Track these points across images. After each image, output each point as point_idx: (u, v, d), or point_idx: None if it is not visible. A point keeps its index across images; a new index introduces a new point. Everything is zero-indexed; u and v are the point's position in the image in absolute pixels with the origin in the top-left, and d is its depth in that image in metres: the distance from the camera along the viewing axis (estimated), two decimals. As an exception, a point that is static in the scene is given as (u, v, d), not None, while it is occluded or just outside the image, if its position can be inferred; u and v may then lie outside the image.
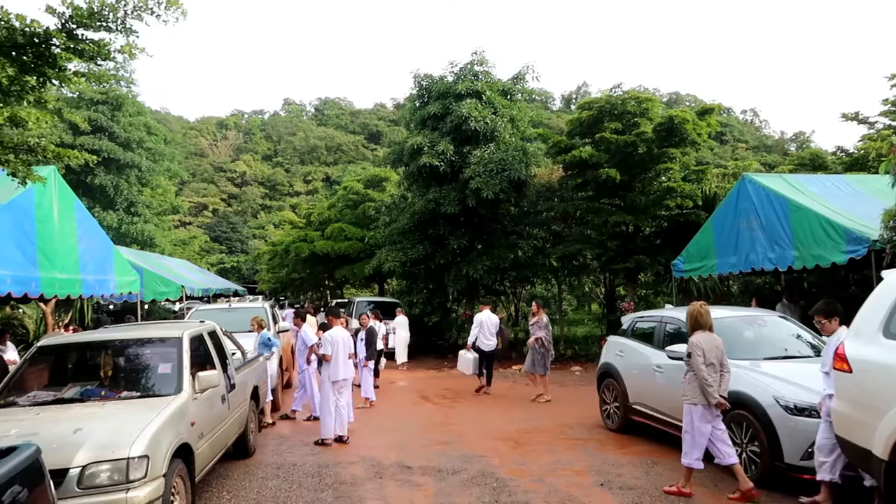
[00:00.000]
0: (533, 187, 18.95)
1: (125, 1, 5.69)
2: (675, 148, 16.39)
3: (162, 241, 35.65)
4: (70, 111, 24.99)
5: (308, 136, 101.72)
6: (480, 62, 19.61)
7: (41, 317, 14.29)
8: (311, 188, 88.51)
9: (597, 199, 17.61)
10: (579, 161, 16.59)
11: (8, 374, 8.47)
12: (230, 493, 6.72)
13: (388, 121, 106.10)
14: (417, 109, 19.98)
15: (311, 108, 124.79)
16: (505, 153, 17.58)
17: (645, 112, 16.97)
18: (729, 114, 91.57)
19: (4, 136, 6.70)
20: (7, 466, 2.57)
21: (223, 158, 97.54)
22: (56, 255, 9.22)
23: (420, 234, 19.31)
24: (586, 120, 17.38)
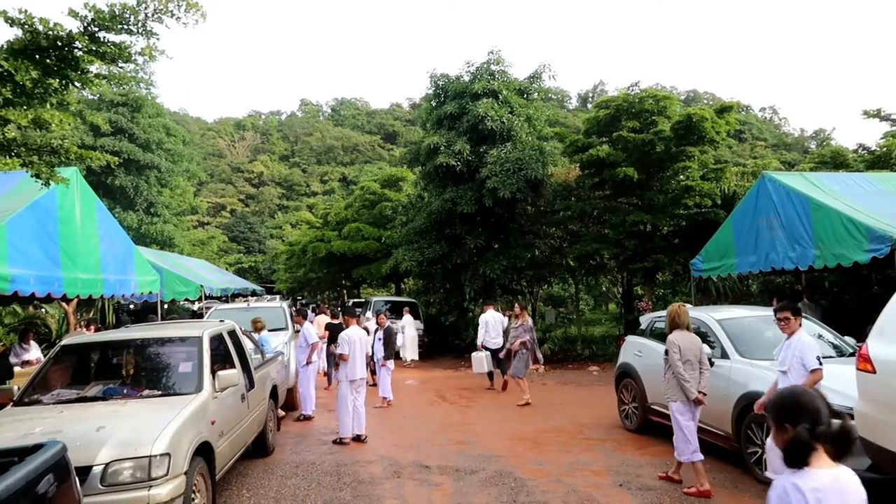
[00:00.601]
0: (550, 186, 18.91)
1: (146, 4, 5.75)
2: (693, 146, 16.26)
3: (181, 241, 36.02)
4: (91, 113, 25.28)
5: (325, 137, 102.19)
6: (497, 61, 19.59)
7: (63, 316, 14.50)
8: (327, 188, 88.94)
9: (614, 198, 17.52)
10: (596, 160, 16.52)
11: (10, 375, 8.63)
12: (250, 491, 6.78)
13: (404, 121, 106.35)
14: (434, 109, 20.01)
15: (328, 109, 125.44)
16: (522, 152, 17.56)
17: (663, 110, 16.86)
18: (747, 111, 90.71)
19: (28, 138, 6.80)
20: (36, 462, 2.62)
21: (241, 159, 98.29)
22: (78, 256, 9.34)
23: (437, 233, 19.33)
24: (603, 119, 17.31)
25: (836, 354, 7.29)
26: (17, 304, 13.22)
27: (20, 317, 14.81)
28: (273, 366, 9.16)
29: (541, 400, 11.94)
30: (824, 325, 8.06)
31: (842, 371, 6.47)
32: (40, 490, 2.58)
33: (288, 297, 38.39)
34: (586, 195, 18.48)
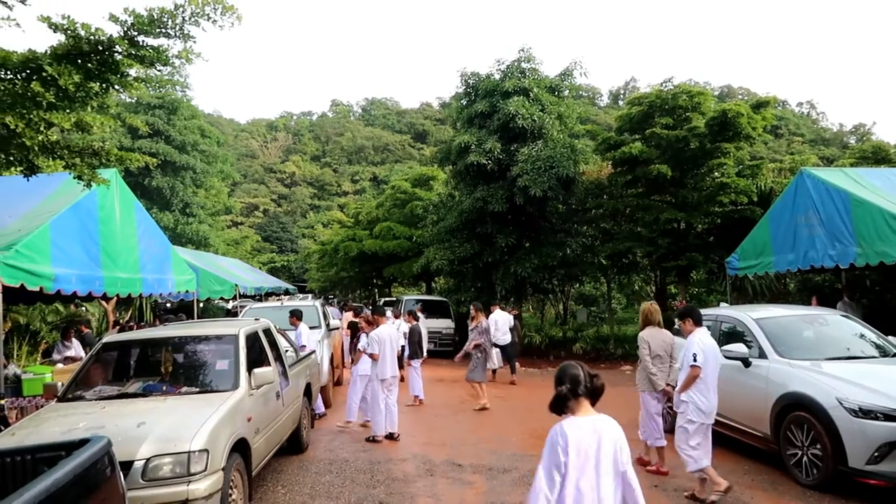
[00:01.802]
0: (581, 184, 18.78)
1: (183, 8, 5.83)
2: (728, 143, 16.00)
3: (216, 240, 36.61)
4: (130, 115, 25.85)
5: (355, 137, 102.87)
6: (527, 59, 19.51)
7: (103, 314, 14.84)
8: (358, 188, 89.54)
9: (647, 195, 17.33)
10: (629, 157, 16.37)
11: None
12: (285, 487, 6.86)
13: (434, 120, 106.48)
14: (464, 108, 20.01)
15: (358, 109, 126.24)
16: (553, 150, 17.46)
17: (697, 106, 16.62)
18: (784, 106, 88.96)
19: (70, 141, 6.97)
20: (83, 457, 2.69)
21: (273, 159, 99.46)
22: (118, 255, 9.55)
23: (468, 232, 19.34)
24: (636, 115, 17.13)
25: (878, 354, 7.12)
26: (60, 302, 13.57)
27: (62, 315, 15.19)
28: (307, 364, 9.25)
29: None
30: (867, 325, 7.87)
31: (885, 371, 6.33)
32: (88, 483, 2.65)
33: (320, 296, 38.74)
34: (619, 193, 18.31)
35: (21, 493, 2.19)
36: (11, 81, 5.79)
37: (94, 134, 7.49)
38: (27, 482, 2.63)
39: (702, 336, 6.17)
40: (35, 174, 6.85)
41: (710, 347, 6.11)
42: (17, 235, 7.47)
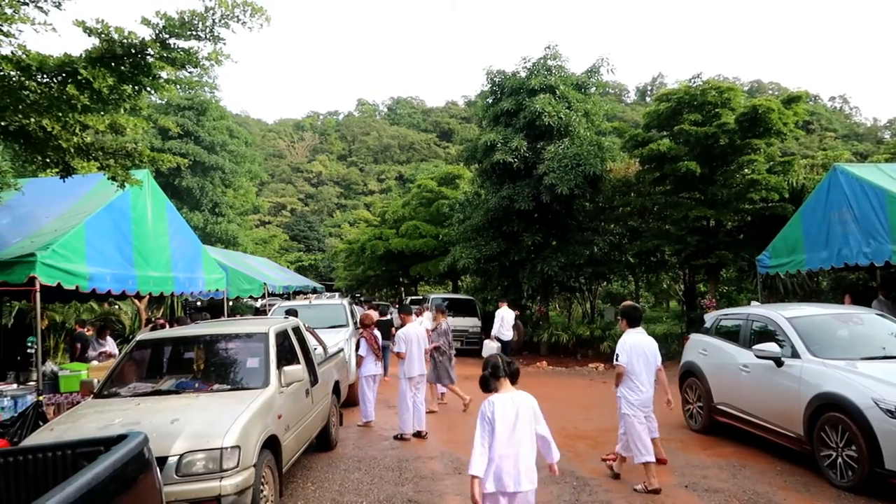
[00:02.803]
0: (608, 182, 18.63)
1: (213, 10, 5.92)
2: (758, 139, 15.73)
3: (244, 239, 37.04)
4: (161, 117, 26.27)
5: (381, 136, 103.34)
6: (554, 56, 19.42)
7: (136, 313, 15.11)
8: (384, 187, 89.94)
9: (675, 193, 17.14)
10: (657, 154, 16.20)
11: None
12: (314, 484, 6.92)
13: (459, 118, 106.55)
14: (490, 106, 19.97)
15: (384, 108, 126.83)
16: (580, 148, 17.36)
17: (726, 102, 16.37)
18: (816, 101, 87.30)
19: (104, 143, 7.11)
20: (121, 452, 2.75)
21: (300, 159, 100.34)
22: (150, 255, 9.71)
23: (494, 230, 19.32)
24: (664, 112, 16.93)
25: (916, 354, 6.94)
26: (94, 300, 13.85)
27: (97, 313, 15.50)
28: (335, 362, 9.33)
29: (600, 398, 11.78)
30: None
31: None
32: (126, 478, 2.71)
33: (347, 295, 39.01)
34: (646, 190, 18.13)
35: (63, 487, 2.25)
36: (48, 85, 5.93)
37: (127, 135, 7.63)
38: (68, 476, 2.70)
39: (630, 337, 6.59)
40: (71, 175, 7.02)
41: (638, 346, 6.52)
42: (54, 235, 7.64)
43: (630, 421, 6.45)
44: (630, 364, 6.48)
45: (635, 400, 6.47)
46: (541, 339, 19.24)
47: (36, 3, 5.89)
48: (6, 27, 5.59)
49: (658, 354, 6.67)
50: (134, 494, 2.84)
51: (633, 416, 6.44)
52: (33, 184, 9.56)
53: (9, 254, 7.15)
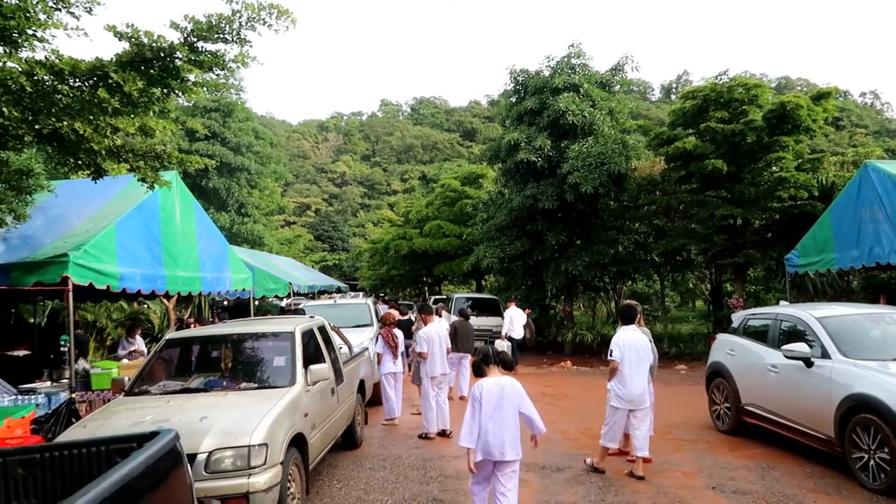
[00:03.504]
0: (633, 181, 18.48)
1: (240, 13, 5.99)
2: (787, 136, 15.49)
3: (270, 240, 37.41)
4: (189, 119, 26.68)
5: (404, 136, 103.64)
6: (577, 54, 19.31)
7: (165, 312, 15.34)
8: (408, 186, 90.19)
9: (702, 191, 16.95)
10: (683, 152, 16.04)
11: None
12: (340, 482, 6.98)
13: (482, 118, 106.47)
14: (513, 105, 19.92)
15: (407, 108, 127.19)
16: (604, 146, 17.25)
17: (754, 99, 16.15)
18: (846, 97, 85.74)
19: (133, 145, 7.23)
20: (153, 448, 2.81)
21: (324, 160, 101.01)
22: (179, 255, 9.85)
23: (518, 230, 19.29)
24: (690, 109, 16.75)
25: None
26: (124, 300, 14.08)
27: (126, 312, 15.77)
28: (360, 361, 9.39)
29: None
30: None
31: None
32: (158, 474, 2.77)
33: (371, 294, 39.19)
34: (672, 189, 17.95)
35: (99, 482, 2.31)
36: (80, 88, 6.05)
37: (156, 138, 7.75)
38: (102, 471, 2.76)
39: (623, 333, 6.96)
40: (102, 177, 7.14)
41: (630, 343, 6.86)
42: (86, 236, 7.79)
43: (616, 415, 6.91)
44: (621, 360, 6.82)
45: (623, 394, 6.83)
46: (565, 338, 19.17)
47: (68, 8, 6.00)
48: (40, 33, 5.71)
49: (650, 351, 6.98)
50: (166, 490, 2.90)
51: (619, 408, 6.88)
52: (65, 185, 9.76)
53: (43, 254, 7.31)
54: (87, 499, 2.16)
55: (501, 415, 4.97)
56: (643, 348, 6.90)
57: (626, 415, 6.87)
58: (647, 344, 6.97)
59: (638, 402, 6.84)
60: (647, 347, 6.94)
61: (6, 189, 7.45)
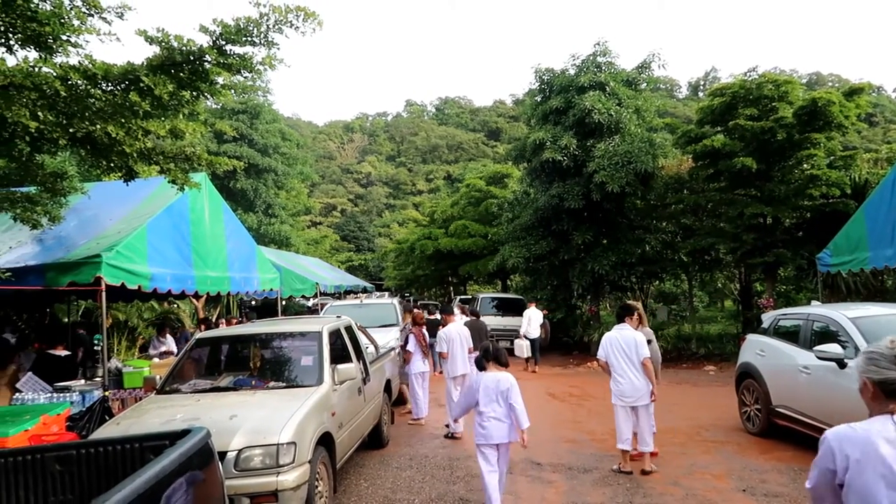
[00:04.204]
0: (660, 179, 18.28)
1: (268, 16, 6.06)
2: (818, 133, 15.19)
3: (297, 240, 37.70)
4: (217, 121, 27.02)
5: (429, 136, 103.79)
6: (603, 52, 19.17)
7: (194, 311, 15.56)
8: (433, 186, 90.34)
9: (730, 189, 16.71)
10: (711, 150, 15.82)
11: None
12: (367, 481, 7.02)
13: (507, 117, 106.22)
14: (539, 104, 19.84)
15: (432, 108, 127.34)
16: (630, 145, 17.10)
17: (784, 96, 15.87)
18: (879, 93, 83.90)
19: (165, 147, 7.35)
20: (186, 446, 2.86)
21: (350, 160, 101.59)
22: (208, 255, 9.99)
23: (543, 229, 19.21)
24: (718, 107, 16.52)
25: None
26: (155, 300, 14.32)
27: (157, 312, 16.03)
28: (386, 360, 9.43)
29: (654, 399, 11.58)
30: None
31: None
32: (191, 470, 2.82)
33: (396, 294, 39.31)
34: (700, 187, 17.72)
35: (133, 479, 2.35)
36: (112, 92, 6.16)
37: (186, 140, 7.87)
38: (136, 468, 2.81)
39: (611, 333, 7.30)
40: (133, 179, 7.26)
41: (615, 341, 7.13)
42: (118, 237, 7.94)
43: (617, 412, 7.11)
44: (608, 358, 7.14)
45: (616, 391, 7.11)
46: (591, 338, 19.03)
47: (100, 14, 6.11)
48: (74, 38, 5.83)
49: (639, 347, 7.04)
50: (198, 487, 2.94)
51: (618, 406, 7.10)
52: (98, 187, 9.96)
53: (76, 255, 7.47)
54: (122, 494, 2.21)
55: (497, 405, 5.62)
56: (630, 346, 7.05)
57: (627, 411, 7.04)
58: (635, 341, 7.06)
59: (634, 397, 7.00)
60: (635, 345, 7.04)
61: (41, 191, 7.62)
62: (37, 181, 7.60)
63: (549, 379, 14.98)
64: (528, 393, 12.87)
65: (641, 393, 7.01)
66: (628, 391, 7.01)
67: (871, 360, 2.19)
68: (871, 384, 2.17)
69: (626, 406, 7.02)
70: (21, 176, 8.13)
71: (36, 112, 5.63)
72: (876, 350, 2.20)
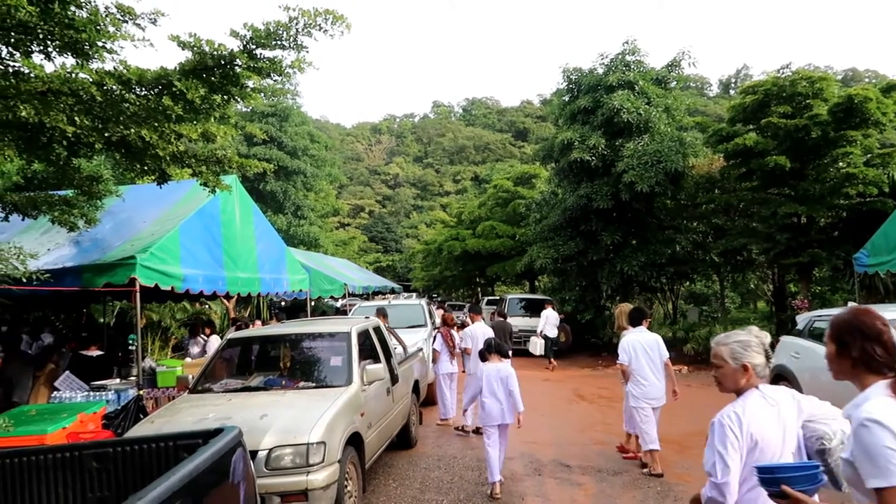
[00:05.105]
0: (691, 179, 18.06)
1: (297, 20, 6.11)
2: (855, 130, 14.87)
3: (325, 241, 38.01)
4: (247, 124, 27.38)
5: (456, 137, 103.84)
6: (632, 51, 19.01)
7: (225, 312, 15.77)
8: (460, 187, 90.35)
9: (763, 188, 16.43)
10: (743, 149, 15.58)
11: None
12: (396, 481, 7.04)
13: (534, 117, 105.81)
14: (566, 104, 19.75)
15: (459, 109, 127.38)
16: (660, 144, 16.92)
17: (818, 93, 15.56)
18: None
19: (196, 150, 7.47)
20: (219, 444, 2.90)
21: (377, 162, 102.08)
22: (238, 257, 10.12)
23: (571, 230, 19.11)
24: (750, 105, 16.27)
25: None
26: (187, 300, 14.55)
27: (189, 313, 16.29)
28: (415, 361, 9.46)
29: (685, 401, 11.40)
30: None
31: None
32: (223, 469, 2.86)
33: (424, 295, 39.42)
34: (732, 187, 17.47)
35: (168, 477, 2.40)
36: (146, 97, 6.28)
37: (217, 143, 7.98)
38: (171, 465, 2.86)
39: (630, 336, 7.32)
40: (166, 181, 7.39)
41: (637, 344, 7.17)
42: (151, 239, 8.08)
43: (637, 413, 7.14)
44: (631, 361, 7.16)
45: (639, 393, 7.13)
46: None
47: (134, 20, 6.23)
48: (109, 44, 5.95)
49: (661, 349, 7.17)
50: (230, 485, 2.98)
51: (639, 408, 7.12)
52: (132, 190, 10.16)
53: (112, 256, 7.62)
54: (158, 492, 2.25)
55: (498, 391, 6.54)
56: (652, 348, 7.16)
57: (651, 411, 7.11)
58: (657, 343, 7.20)
59: (658, 398, 7.13)
60: (657, 346, 7.17)
61: (78, 194, 7.79)
62: (73, 184, 7.78)
63: (578, 380, 14.87)
64: (557, 394, 12.89)
65: (661, 393, 7.16)
66: (653, 392, 7.09)
67: (749, 346, 2.75)
68: (751, 367, 2.73)
69: (649, 406, 7.10)
70: (58, 179, 8.33)
71: (73, 117, 5.75)
72: (747, 339, 2.77)
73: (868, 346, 2.16)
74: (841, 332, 2.27)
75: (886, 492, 1.90)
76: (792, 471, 2.31)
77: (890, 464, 1.91)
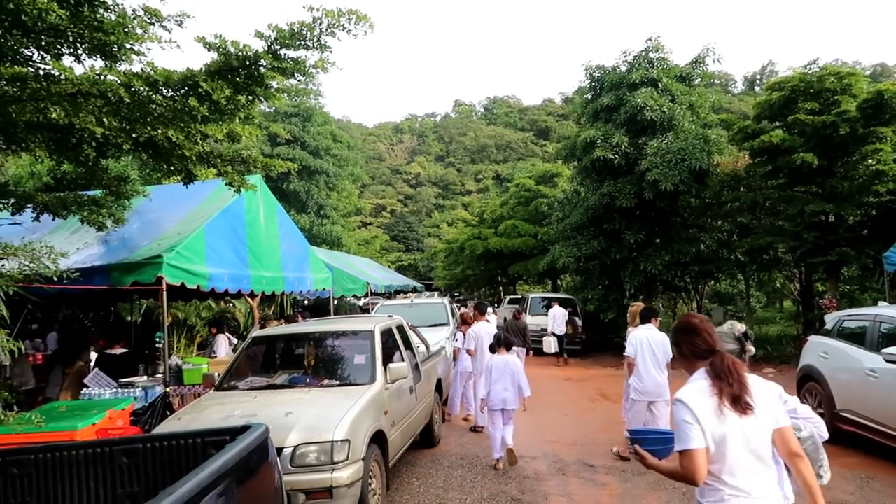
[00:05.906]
0: (716, 177, 17.84)
1: (321, 20, 6.15)
2: (884, 126, 14.58)
3: (348, 240, 38.22)
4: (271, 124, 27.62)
5: (478, 136, 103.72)
6: (656, 48, 18.81)
7: (249, 310, 15.92)
8: (481, 186, 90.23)
9: (790, 186, 16.19)
10: (769, 146, 15.36)
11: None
12: (419, 479, 7.06)
13: (556, 116, 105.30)
14: (589, 102, 19.61)
15: (481, 108, 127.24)
16: (684, 142, 16.73)
17: (847, 88, 15.30)
18: (951, 83, 79.69)
19: (222, 150, 7.54)
20: (246, 441, 2.93)
21: (399, 161, 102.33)
22: (263, 256, 10.21)
23: (594, 228, 18.98)
24: (776, 101, 16.05)
25: None
26: (212, 299, 14.71)
27: (214, 311, 16.47)
28: (438, 360, 9.47)
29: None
30: None
31: None
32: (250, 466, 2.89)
33: (446, 294, 39.46)
34: (757, 185, 17.23)
35: (197, 472, 2.43)
36: (172, 98, 6.36)
37: (242, 143, 8.06)
38: (199, 462, 2.90)
39: (639, 332, 7.51)
40: (192, 181, 7.48)
41: (644, 340, 7.35)
42: (178, 238, 8.18)
43: (635, 406, 7.42)
44: (636, 356, 7.37)
45: (640, 387, 7.34)
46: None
47: (161, 22, 6.31)
48: (137, 46, 6.04)
49: (667, 348, 7.20)
50: (257, 481, 3.02)
51: (638, 401, 7.37)
52: (158, 190, 10.29)
53: (139, 255, 7.73)
54: (188, 487, 2.28)
55: (505, 380, 7.36)
56: (658, 346, 7.31)
57: (644, 406, 7.35)
58: (664, 342, 7.31)
59: (655, 394, 7.29)
60: (663, 345, 7.27)
61: (106, 194, 7.91)
62: (102, 184, 7.90)
63: (602, 380, 14.78)
64: (580, 393, 12.84)
65: (662, 389, 7.29)
66: (651, 388, 7.29)
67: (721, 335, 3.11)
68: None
69: (645, 401, 7.33)
70: (87, 180, 8.46)
71: (101, 118, 5.84)
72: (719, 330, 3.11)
73: (690, 338, 2.82)
74: (674, 335, 2.93)
75: (681, 455, 2.59)
76: (647, 434, 3.09)
77: (685, 434, 2.57)
